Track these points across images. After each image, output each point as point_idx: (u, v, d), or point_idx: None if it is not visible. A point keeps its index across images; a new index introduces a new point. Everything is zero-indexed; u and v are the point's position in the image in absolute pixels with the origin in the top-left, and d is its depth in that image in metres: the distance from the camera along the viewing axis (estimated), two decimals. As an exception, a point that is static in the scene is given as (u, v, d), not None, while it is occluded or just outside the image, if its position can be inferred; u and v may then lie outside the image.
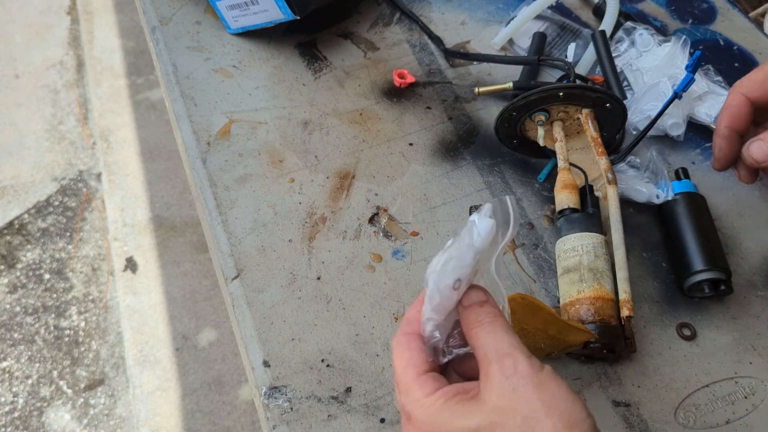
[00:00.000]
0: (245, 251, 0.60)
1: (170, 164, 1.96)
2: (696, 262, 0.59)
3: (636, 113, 0.70)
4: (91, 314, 1.67)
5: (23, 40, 2.24)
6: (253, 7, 0.73)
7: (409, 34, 0.81)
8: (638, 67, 0.74)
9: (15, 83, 2.12)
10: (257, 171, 0.66)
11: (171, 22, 0.79)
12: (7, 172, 1.91)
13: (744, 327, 0.59)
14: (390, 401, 0.53)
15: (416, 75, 0.76)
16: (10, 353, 1.60)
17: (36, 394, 1.54)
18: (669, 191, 0.63)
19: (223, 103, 0.71)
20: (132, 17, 2.32)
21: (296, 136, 0.70)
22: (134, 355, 1.60)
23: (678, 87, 0.63)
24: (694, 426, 0.54)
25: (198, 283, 1.73)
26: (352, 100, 0.74)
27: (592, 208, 0.59)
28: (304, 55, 0.77)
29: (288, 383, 0.53)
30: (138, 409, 1.52)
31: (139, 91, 2.13)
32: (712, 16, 0.86)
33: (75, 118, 2.05)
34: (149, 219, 1.84)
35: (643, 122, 0.69)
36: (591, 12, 0.84)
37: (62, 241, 1.79)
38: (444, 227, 0.64)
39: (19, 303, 1.68)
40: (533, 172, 0.69)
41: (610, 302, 0.54)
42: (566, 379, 0.55)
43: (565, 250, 0.57)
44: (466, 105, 0.74)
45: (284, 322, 0.56)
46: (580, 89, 0.61)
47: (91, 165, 1.96)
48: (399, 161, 0.68)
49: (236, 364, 1.59)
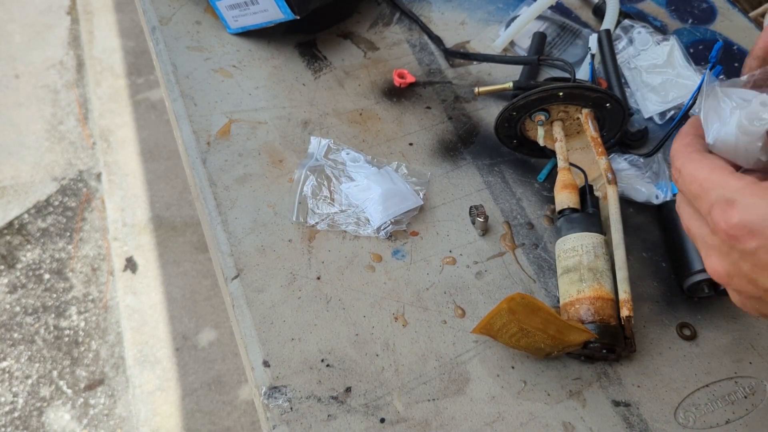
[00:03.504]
0: (245, 251, 0.60)
1: (170, 164, 1.96)
2: (696, 262, 0.59)
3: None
4: (91, 314, 1.67)
5: (23, 40, 2.24)
6: (252, 7, 0.73)
7: (409, 34, 0.81)
8: (636, 66, 0.74)
9: (15, 83, 2.12)
10: (257, 171, 0.66)
11: (171, 22, 0.79)
12: (7, 172, 1.91)
13: (744, 327, 0.59)
14: (390, 401, 0.53)
15: (416, 75, 0.76)
16: (10, 353, 1.60)
17: (36, 394, 1.54)
18: (668, 191, 0.63)
19: (223, 103, 0.71)
20: (132, 17, 2.32)
21: (296, 136, 0.70)
22: (134, 355, 1.60)
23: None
24: (694, 426, 0.54)
25: (198, 283, 1.72)
26: (352, 100, 0.74)
27: (592, 208, 0.59)
28: (304, 55, 0.77)
29: (288, 383, 0.53)
30: (138, 409, 1.52)
31: (139, 91, 2.13)
32: (712, 16, 0.86)
33: (75, 118, 2.05)
34: (149, 219, 1.84)
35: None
36: (591, 12, 0.84)
37: (62, 241, 1.79)
38: (444, 227, 0.64)
39: (19, 303, 1.68)
40: (533, 172, 0.69)
41: (609, 302, 0.54)
42: (566, 379, 0.55)
43: (565, 250, 0.57)
44: (466, 105, 0.74)
45: (284, 322, 0.56)
46: (580, 89, 0.61)
47: (91, 165, 1.95)
48: (399, 161, 0.68)
49: (236, 364, 1.59)
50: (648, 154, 0.68)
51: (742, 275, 0.37)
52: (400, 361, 0.55)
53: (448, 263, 0.61)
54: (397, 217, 0.62)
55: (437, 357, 0.55)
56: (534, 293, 0.60)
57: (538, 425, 0.53)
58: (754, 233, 0.35)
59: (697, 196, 0.39)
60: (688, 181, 0.40)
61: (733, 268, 0.38)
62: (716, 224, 0.37)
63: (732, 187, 0.37)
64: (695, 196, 0.39)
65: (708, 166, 0.39)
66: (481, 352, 0.56)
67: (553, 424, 0.53)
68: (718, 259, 0.38)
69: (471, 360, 0.56)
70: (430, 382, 0.54)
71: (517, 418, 0.53)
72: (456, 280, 0.60)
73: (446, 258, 0.62)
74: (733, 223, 0.36)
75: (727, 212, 0.36)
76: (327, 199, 0.64)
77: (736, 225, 0.36)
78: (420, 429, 0.52)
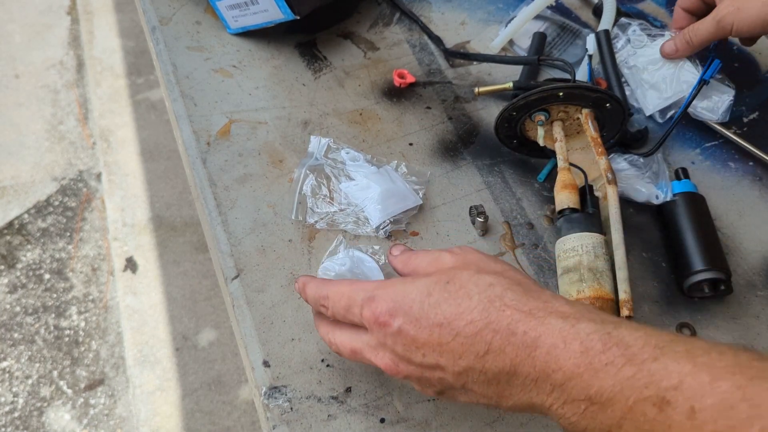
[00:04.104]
0: (245, 251, 0.60)
1: (170, 164, 1.96)
2: (696, 262, 0.59)
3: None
4: (91, 314, 1.67)
5: (23, 40, 2.24)
6: (252, 7, 0.73)
7: (409, 34, 0.81)
8: (634, 64, 0.74)
9: (15, 83, 2.12)
10: (257, 171, 0.66)
11: (171, 22, 0.79)
12: (7, 172, 1.91)
13: (744, 327, 0.59)
14: (390, 401, 0.53)
15: (416, 75, 0.76)
16: (10, 353, 1.60)
17: (36, 394, 1.54)
18: (668, 192, 0.63)
19: (223, 103, 0.71)
20: (132, 17, 2.32)
21: (296, 136, 0.70)
22: (134, 355, 1.60)
23: (706, 73, 0.63)
24: (694, 426, 0.53)
25: (198, 283, 1.73)
26: (352, 100, 0.74)
27: (592, 208, 0.59)
28: (304, 55, 0.77)
29: (288, 383, 0.53)
30: (138, 409, 1.52)
31: (139, 91, 2.13)
32: (712, 16, 0.86)
33: (75, 118, 2.06)
34: (149, 219, 1.84)
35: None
36: (591, 12, 0.84)
37: (62, 241, 1.79)
38: (444, 227, 0.64)
39: (19, 303, 1.68)
40: (533, 172, 0.69)
41: (609, 302, 0.54)
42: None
43: (565, 250, 0.57)
44: (466, 105, 0.74)
45: (284, 322, 0.56)
46: (579, 89, 0.61)
47: (91, 165, 1.96)
48: (399, 161, 0.68)
49: (236, 364, 1.59)
50: (648, 154, 0.68)
51: (402, 359, 0.43)
52: (400, 361, 0.55)
53: (448, 263, 0.61)
54: (396, 217, 0.62)
55: (437, 357, 0.55)
56: (534, 293, 0.60)
57: (538, 425, 0.53)
58: (393, 314, 0.42)
59: (347, 308, 0.45)
60: (337, 298, 0.46)
61: (394, 355, 0.43)
62: (368, 319, 0.43)
63: (369, 288, 0.44)
64: (346, 308, 0.45)
65: (346, 282, 0.47)
66: (481, 352, 0.56)
67: (553, 424, 0.53)
68: (384, 353, 0.44)
69: (471, 360, 0.56)
70: (430, 382, 0.54)
71: (517, 418, 0.53)
72: (456, 280, 0.60)
73: (446, 258, 0.62)
74: (378, 312, 0.42)
75: (371, 306, 0.43)
76: (326, 198, 0.64)
77: (381, 313, 0.42)
78: (420, 429, 0.52)
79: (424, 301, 0.41)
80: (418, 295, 0.42)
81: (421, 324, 0.41)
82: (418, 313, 0.41)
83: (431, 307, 0.41)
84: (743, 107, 0.76)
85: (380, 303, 0.43)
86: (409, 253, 0.49)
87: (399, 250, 0.50)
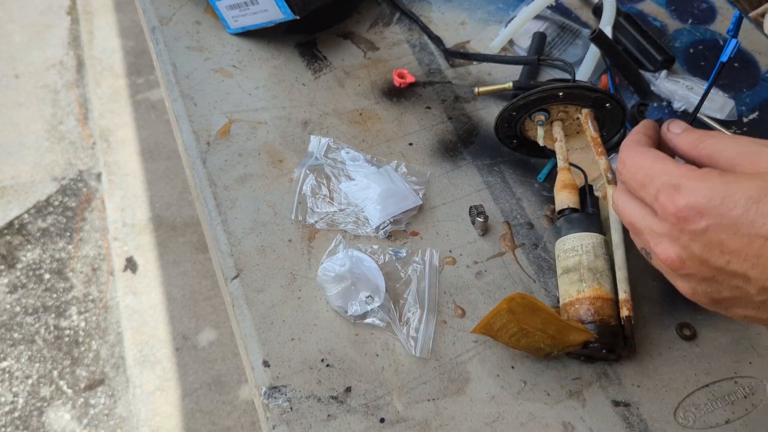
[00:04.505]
0: (245, 251, 0.60)
1: (170, 164, 1.96)
2: (696, 262, 0.59)
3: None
4: (91, 314, 1.67)
5: (23, 40, 2.24)
6: (252, 7, 0.73)
7: (409, 34, 0.81)
8: None
9: (15, 83, 2.12)
10: (257, 171, 0.66)
11: (171, 22, 0.79)
12: (7, 172, 1.91)
13: (744, 327, 0.59)
14: (390, 401, 0.53)
15: (416, 75, 0.76)
16: (10, 353, 1.60)
17: (36, 394, 1.54)
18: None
19: (223, 103, 0.71)
20: (132, 17, 2.32)
21: (296, 136, 0.70)
22: (134, 355, 1.60)
23: (723, 56, 0.61)
24: (693, 426, 0.54)
25: (198, 283, 1.73)
26: (352, 100, 0.74)
27: (592, 208, 0.59)
28: (304, 55, 0.77)
29: (288, 383, 0.53)
30: (138, 409, 1.52)
31: (139, 91, 2.13)
32: (712, 16, 0.86)
33: (75, 118, 2.06)
34: (149, 219, 1.84)
35: None
36: (591, 12, 0.84)
37: (62, 241, 1.79)
38: (444, 227, 0.64)
39: (19, 303, 1.68)
40: (533, 171, 0.69)
41: (609, 302, 0.54)
42: (566, 379, 0.55)
43: (564, 250, 0.57)
44: (466, 105, 0.74)
45: (284, 322, 0.56)
46: (579, 89, 0.61)
47: (91, 165, 1.96)
48: (399, 161, 0.68)
49: (236, 364, 1.59)
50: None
51: (694, 257, 0.39)
52: (400, 361, 0.55)
53: (448, 263, 0.61)
54: (395, 217, 0.62)
55: (437, 357, 0.56)
56: (534, 293, 0.60)
57: (538, 425, 0.53)
58: (702, 213, 0.37)
59: (642, 185, 0.41)
60: (633, 171, 0.42)
61: (685, 251, 0.39)
62: (665, 208, 0.39)
63: (675, 173, 0.39)
64: (641, 185, 0.41)
65: (651, 156, 0.41)
66: (480, 352, 0.56)
67: (552, 424, 0.53)
68: (670, 244, 0.40)
69: (471, 360, 0.56)
70: (429, 382, 0.54)
71: (516, 418, 0.53)
72: (456, 280, 0.60)
73: (446, 258, 0.62)
74: (682, 206, 0.38)
75: (674, 196, 0.38)
76: (326, 198, 0.64)
77: (685, 207, 0.38)
78: (420, 429, 0.52)
79: (751, 207, 0.36)
80: (743, 198, 0.36)
81: (740, 231, 0.36)
82: (739, 218, 0.36)
83: (759, 216, 0.36)
84: (743, 107, 0.76)
85: (687, 196, 0.38)
86: (700, 134, 0.42)
87: (680, 127, 0.44)
